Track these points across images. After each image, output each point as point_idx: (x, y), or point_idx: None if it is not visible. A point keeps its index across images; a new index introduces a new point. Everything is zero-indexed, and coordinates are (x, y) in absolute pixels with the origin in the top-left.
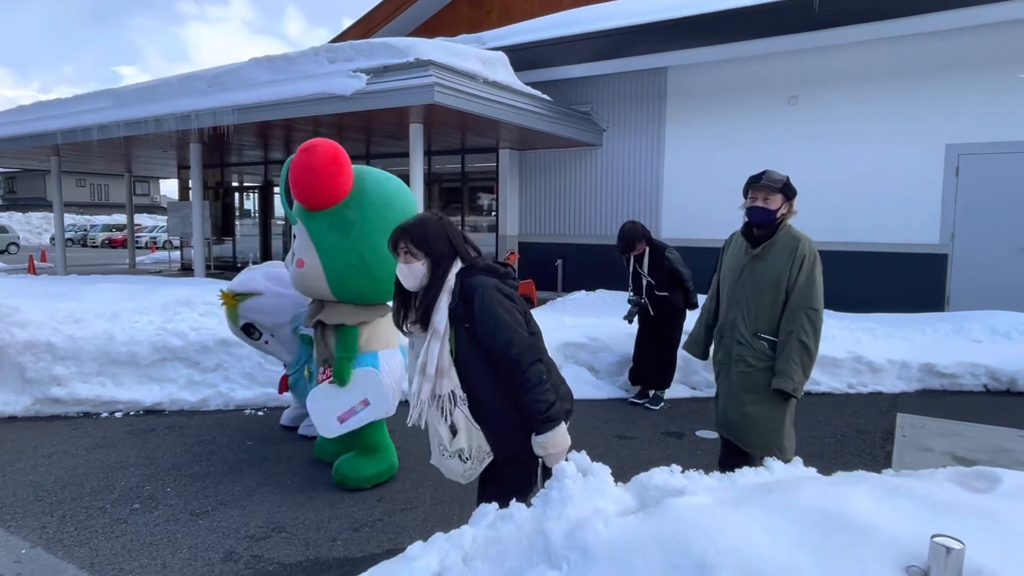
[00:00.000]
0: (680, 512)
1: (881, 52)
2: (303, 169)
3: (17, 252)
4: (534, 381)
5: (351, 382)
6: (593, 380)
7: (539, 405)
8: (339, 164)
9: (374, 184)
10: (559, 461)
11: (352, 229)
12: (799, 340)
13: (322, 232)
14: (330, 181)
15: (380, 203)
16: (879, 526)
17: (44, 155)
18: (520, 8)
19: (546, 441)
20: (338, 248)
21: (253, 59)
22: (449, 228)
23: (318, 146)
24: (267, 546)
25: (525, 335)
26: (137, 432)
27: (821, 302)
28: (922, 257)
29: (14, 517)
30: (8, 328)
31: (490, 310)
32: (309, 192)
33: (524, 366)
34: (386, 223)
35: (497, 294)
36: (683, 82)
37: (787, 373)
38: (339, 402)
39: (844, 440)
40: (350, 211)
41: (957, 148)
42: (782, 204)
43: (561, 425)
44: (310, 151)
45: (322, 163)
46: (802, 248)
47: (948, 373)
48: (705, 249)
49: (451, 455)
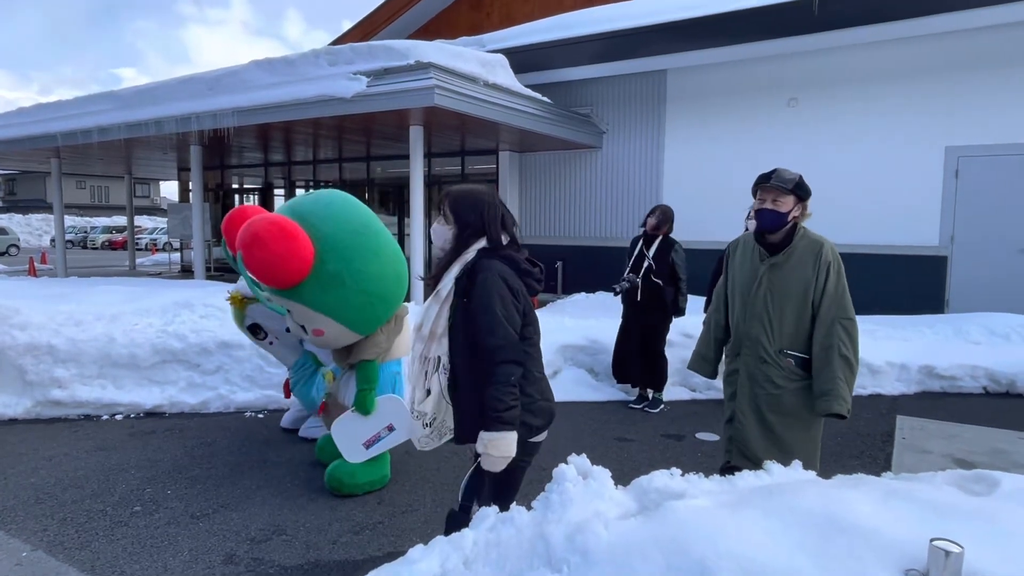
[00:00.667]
0: (680, 515)
1: (880, 54)
2: (263, 265)
3: (17, 254)
4: (500, 378)
5: (375, 410)
6: (593, 382)
7: (496, 403)
8: (292, 241)
9: (332, 225)
10: (495, 467)
11: (343, 277)
12: (840, 355)
13: (318, 297)
14: (295, 262)
15: (351, 239)
16: (879, 529)
17: (44, 157)
18: (520, 10)
19: (489, 440)
20: (343, 299)
21: (253, 61)
22: (488, 207)
23: (266, 237)
24: (268, 549)
25: (510, 332)
26: (138, 435)
27: (853, 310)
28: (921, 259)
29: (15, 520)
30: (9, 330)
31: (486, 293)
32: (279, 280)
33: (495, 360)
34: (368, 249)
35: (500, 282)
36: (683, 84)
37: (837, 394)
38: (364, 429)
39: (844, 442)
40: (330, 264)
41: (956, 150)
42: (794, 206)
43: (511, 433)
44: (259, 244)
45: (278, 250)
46: (826, 254)
47: (947, 375)
48: (704, 252)
49: (418, 417)
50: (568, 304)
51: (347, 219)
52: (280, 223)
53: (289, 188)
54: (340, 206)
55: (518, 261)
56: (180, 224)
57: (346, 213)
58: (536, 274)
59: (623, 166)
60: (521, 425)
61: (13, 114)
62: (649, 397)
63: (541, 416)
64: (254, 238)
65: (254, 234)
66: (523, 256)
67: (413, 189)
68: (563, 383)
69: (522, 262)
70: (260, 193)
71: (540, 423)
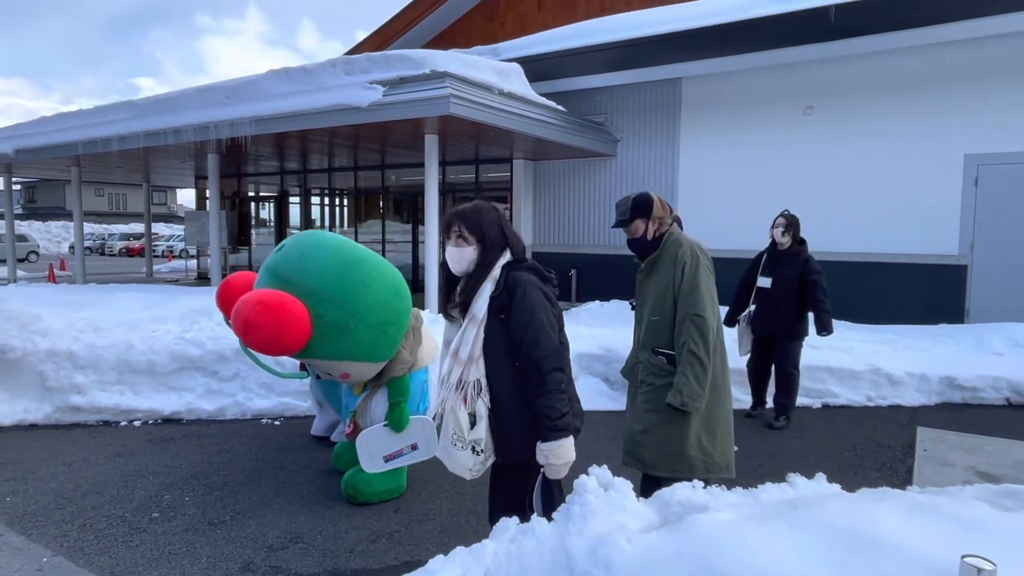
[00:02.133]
0: (704, 528)
1: (897, 62)
2: (264, 346)
3: (37, 260)
4: (551, 386)
5: (407, 427)
6: (608, 391)
7: (551, 411)
8: (281, 314)
9: (312, 277)
10: (560, 474)
11: (348, 324)
12: (689, 350)
13: (330, 347)
14: (294, 333)
15: (337, 285)
16: (907, 545)
17: (65, 165)
18: (534, 20)
19: (551, 450)
20: (354, 342)
21: (271, 71)
22: (503, 220)
23: (258, 323)
24: (285, 556)
25: (555, 340)
26: (156, 441)
27: (707, 307)
28: (941, 268)
29: (35, 525)
30: (30, 336)
31: (529, 306)
32: (285, 352)
33: (545, 369)
34: (355, 288)
35: (539, 293)
36: (698, 93)
37: (676, 386)
38: (389, 443)
39: (863, 454)
40: (327, 315)
41: (976, 158)
42: (646, 225)
43: (569, 437)
44: (255, 330)
45: (274, 330)
46: (682, 254)
47: (969, 386)
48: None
49: (465, 446)
50: (583, 313)
51: (326, 264)
52: (265, 301)
53: (305, 196)
54: (315, 253)
55: (541, 270)
56: (197, 231)
57: (323, 258)
58: (553, 280)
59: (638, 174)
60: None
61: (35, 123)
62: None
63: (580, 418)
64: (246, 325)
65: (245, 321)
66: (537, 265)
67: (428, 197)
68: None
69: (543, 270)
70: (276, 201)
71: (579, 425)
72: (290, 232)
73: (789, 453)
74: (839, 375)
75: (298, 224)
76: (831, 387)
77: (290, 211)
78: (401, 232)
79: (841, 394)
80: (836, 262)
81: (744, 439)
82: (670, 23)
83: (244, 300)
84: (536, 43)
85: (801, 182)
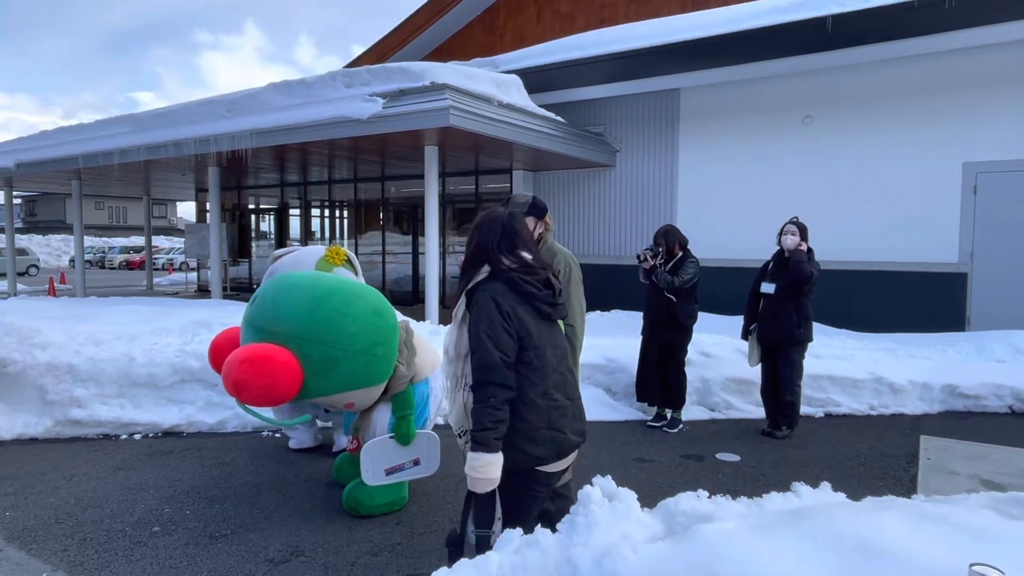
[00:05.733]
0: (710, 539)
1: (896, 71)
2: (261, 400)
3: (37, 274)
4: (479, 398)
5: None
6: (610, 401)
7: (475, 422)
8: (267, 367)
9: (287, 322)
10: (475, 488)
11: (332, 354)
12: None
13: (325, 383)
14: (286, 384)
15: (314, 326)
16: (914, 554)
17: (65, 179)
18: (533, 32)
19: (469, 460)
20: (346, 372)
21: (271, 84)
22: (486, 232)
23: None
24: (286, 570)
25: (492, 353)
26: (156, 454)
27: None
28: (941, 276)
29: (35, 540)
30: (30, 350)
31: (475, 316)
32: (286, 396)
33: (476, 378)
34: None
35: (490, 304)
36: (696, 103)
37: None
38: (392, 456)
39: (867, 463)
40: (312, 353)
41: (975, 166)
42: (535, 225)
43: (488, 455)
44: (246, 391)
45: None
46: (556, 263)
47: (971, 394)
48: (719, 269)
49: (458, 433)
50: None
51: (298, 305)
52: (251, 358)
53: (305, 208)
54: (285, 297)
55: (518, 283)
56: (197, 244)
57: (294, 300)
58: (543, 296)
59: (637, 184)
60: (518, 451)
61: (36, 137)
62: (667, 417)
63: (544, 446)
64: (237, 387)
65: (235, 383)
66: (538, 278)
67: (428, 208)
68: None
69: (522, 284)
70: (276, 213)
71: (542, 453)
72: (289, 243)
73: (792, 462)
74: (841, 384)
75: (298, 236)
76: (833, 396)
77: (290, 223)
78: (401, 243)
79: (843, 403)
80: (837, 271)
81: (747, 449)
82: (668, 34)
83: (229, 362)
84: (535, 55)
85: (800, 191)
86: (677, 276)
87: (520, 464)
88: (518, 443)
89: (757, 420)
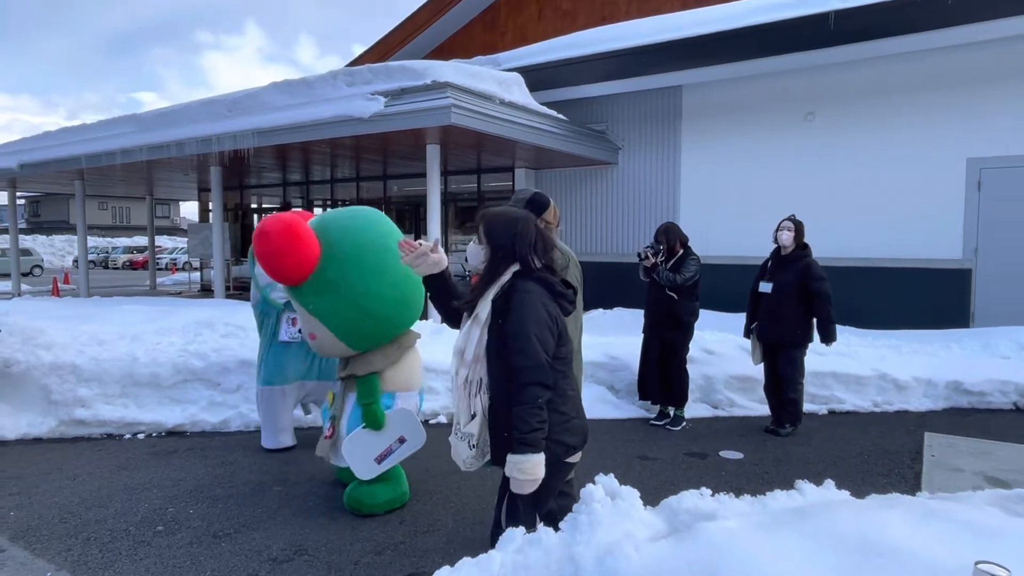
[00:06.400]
0: (713, 537)
1: (898, 67)
2: (266, 257)
3: (41, 274)
4: (525, 399)
5: (386, 424)
6: (613, 399)
7: (522, 424)
8: (295, 240)
9: (340, 235)
10: (522, 490)
11: (339, 286)
12: None
13: (312, 300)
14: (295, 258)
15: (353, 252)
16: (918, 552)
17: (68, 179)
18: (534, 30)
19: (515, 463)
20: (334, 308)
21: (273, 83)
22: (521, 231)
23: (271, 231)
24: (290, 569)
25: (540, 354)
26: (159, 454)
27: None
28: (945, 272)
29: (39, 539)
30: (34, 350)
31: (521, 313)
32: (281, 275)
33: (522, 380)
34: (366, 266)
35: (538, 304)
36: (698, 100)
37: None
38: (376, 444)
39: (871, 460)
40: (329, 270)
41: (978, 162)
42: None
43: (537, 455)
44: (264, 237)
45: (280, 245)
46: None
47: (976, 391)
48: (722, 267)
49: (463, 438)
50: (586, 321)
51: (358, 233)
52: (287, 221)
53: (307, 207)
54: (360, 221)
55: (553, 283)
56: (200, 244)
57: (361, 228)
58: (569, 296)
59: (639, 182)
60: (557, 444)
61: (39, 137)
62: (670, 415)
63: (576, 435)
64: (260, 232)
65: (261, 229)
66: (558, 279)
67: (430, 207)
68: (583, 401)
69: (556, 284)
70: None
71: (575, 442)
72: None
73: (796, 460)
74: (845, 381)
75: None
76: (837, 393)
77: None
78: None
79: (847, 400)
80: (840, 268)
81: (750, 446)
82: (669, 31)
83: (275, 215)
84: (536, 53)
85: (803, 188)
86: (679, 274)
87: (561, 456)
88: (558, 436)
89: (760, 417)
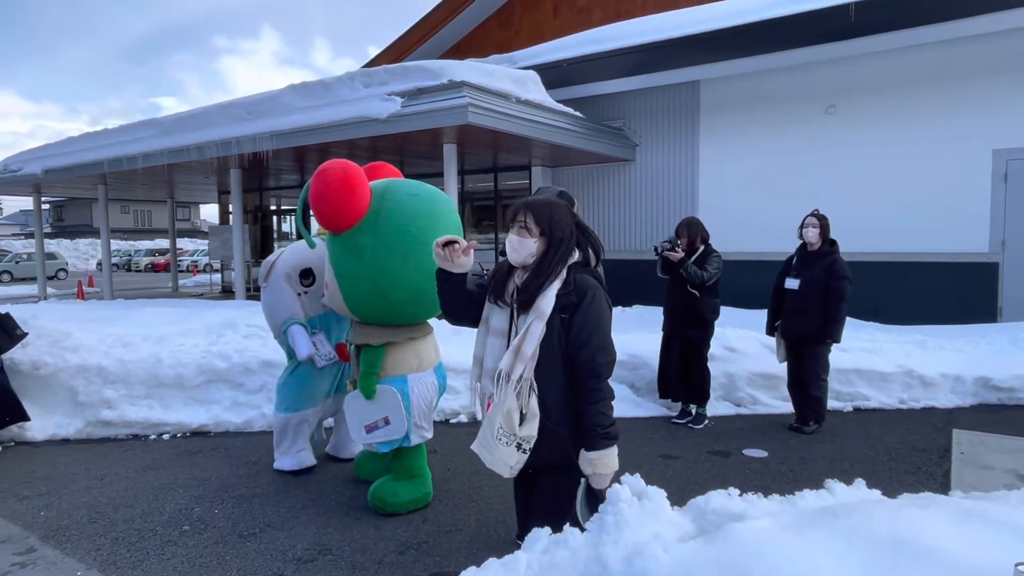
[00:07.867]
0: (742, 537)
1: (920, 58)
2: (315, 195)
3: (66, 278)
4: (606, 395)
5: (375, 397)
6: (634, 397)
7: (604, 419)
8: (350, 187)
9: (393, 206)
10: (604, 483)
11: (364, 254)
12: None
13: (338, 256)
14: (340, 206)
15: (395, 227)
16: (955, 553)
17: (91, 184)
18: (549, 27)
19: (598, 459)
20: (352, 273)
21: (290, 86)
22: (578, 224)
23: (329, 170)
24: (314, 569)
25: (614, 351)
26: (184, 454)
27: None
28: (971, 266)
29: (69, 539)
30: (61, 353)
31: (598, 311)
32: (321, 216)
33: (603, 376)
34: (400, 250)
35: (606, 301)
36: (717, 94)
37: None
38: (365, 412)
39: (898, 458)
40: (363, 235)
41: (1005, 153)
42: None
43: (615, 447)
44: (321, 175)
45: (332, 187)
46: None
47: (1005, 387)
48: (743, 263)
49: (510, 442)
50: None
51: (406, 216)
52: (348, 169)
53: None
54: (418, 204)
55: (603, 280)
56: (221, 246)
57: (411, 212)
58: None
59: (657, 178)
60: None
61: (63, 143)
62: (692, 412)
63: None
64: (325, 170)
65: (327, 168)
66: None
67: None
68: None
69: (603, 280)
70: None
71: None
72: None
73: (821, 458)
74: (870, 377)
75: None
76: (862, 390)
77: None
78: None
79: (872, 397)
80: (864, 262)
81: (774, 444)
82: (686, 26)
83: (343, 160)
84: (552, 50)
85: (825, 182)
86: (705, 271)
87: None
88: None
89: (783, 415)
